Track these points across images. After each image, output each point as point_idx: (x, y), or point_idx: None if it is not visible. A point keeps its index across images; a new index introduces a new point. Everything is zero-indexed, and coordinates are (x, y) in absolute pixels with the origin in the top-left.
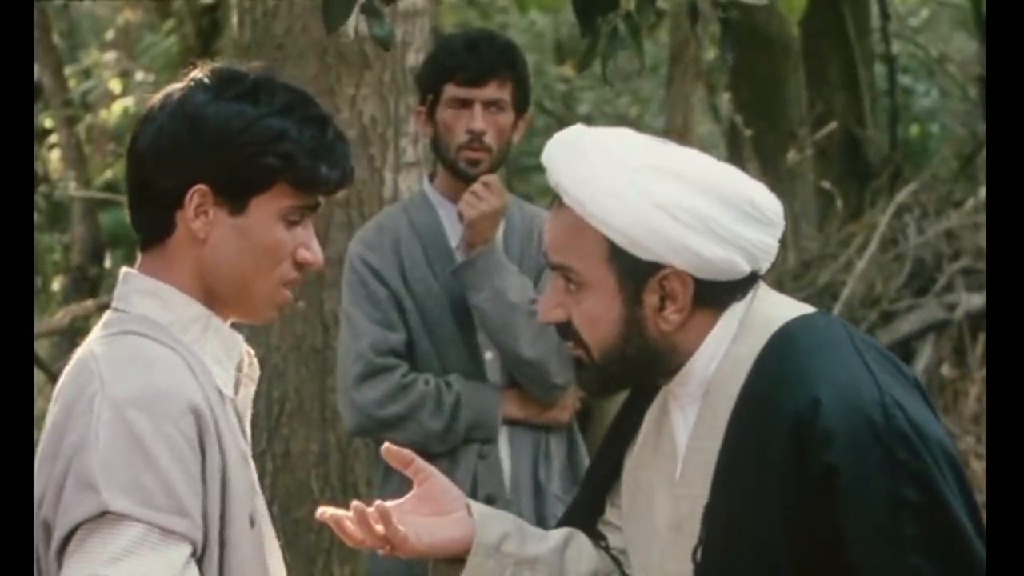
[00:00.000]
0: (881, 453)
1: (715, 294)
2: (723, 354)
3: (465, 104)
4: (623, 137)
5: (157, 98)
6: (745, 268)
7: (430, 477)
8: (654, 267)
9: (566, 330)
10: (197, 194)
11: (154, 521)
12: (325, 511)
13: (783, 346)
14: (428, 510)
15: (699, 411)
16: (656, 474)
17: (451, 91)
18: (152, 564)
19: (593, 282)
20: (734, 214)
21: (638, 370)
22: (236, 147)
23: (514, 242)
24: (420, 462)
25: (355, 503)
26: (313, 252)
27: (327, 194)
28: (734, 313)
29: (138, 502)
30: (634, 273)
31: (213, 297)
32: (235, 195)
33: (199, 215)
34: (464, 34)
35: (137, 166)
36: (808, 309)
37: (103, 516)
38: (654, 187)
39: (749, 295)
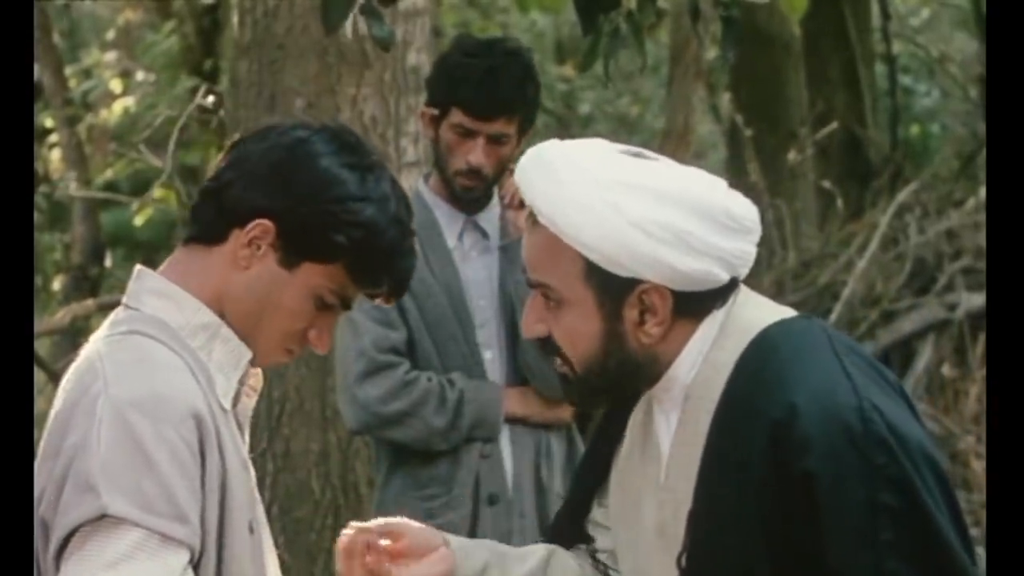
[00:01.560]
0: (858, 458)
1: (695, 304)
2: (703, 359)
3: (469, 133)
4: (594, 152)
5: (284, 121)
6: (723, 277)
7: (404, 533)
8: (632, 282)
9: (548, 345)
10: (260, 227)
11: (153, 527)
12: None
13: (762, 351)
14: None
15: (680, 416)
16: (642, 477)
17: (457, 116)
18: (150, 570)
19: (571, 299)
20: (709, 226)
21: (620, 381)
22: (321, 211)
23: (511, 240)
24: (390, 525)
25: (354, 528)
26: (323, 343)
27: (371, 296)
28: (715, 319)
29: (137, 506)
30: (612, 289)
31: (221, 319)
32: (293, 250)
33: (251, 244)
34: (483, 52)
35: (227, 169)
36: (789, 313)
37: (102, 519)
38: (626, 203)
39: (730, 301)
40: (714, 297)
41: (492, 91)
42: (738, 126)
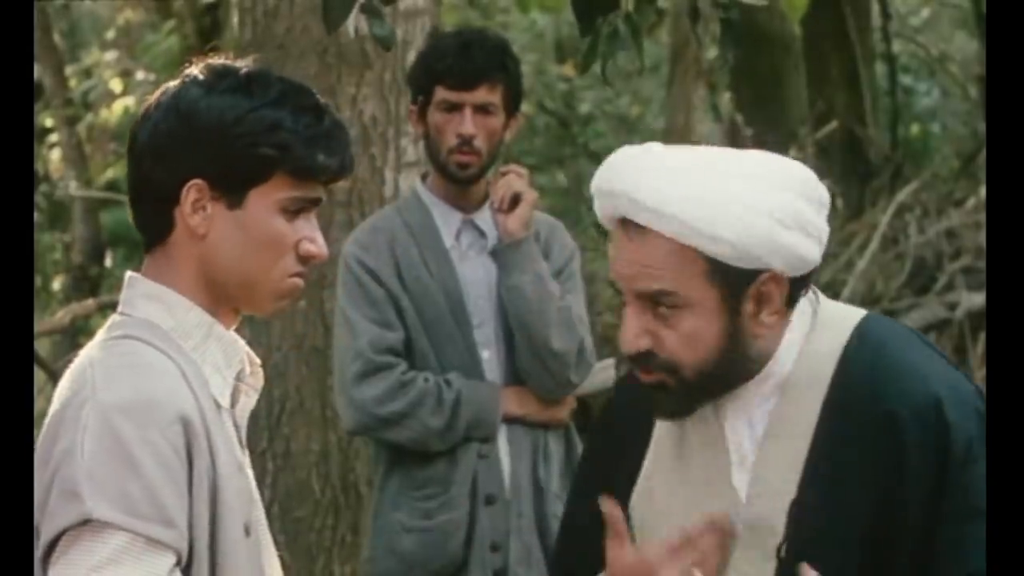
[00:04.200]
0: (984, 437)
1: (798, 290)
2: (799, 351)
3: (455, 107)
4: (700, 150)
5: (154, 96)
6: (819, 258)
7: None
8: (754, 274)
9: (648, 358)
10: (193, 189)
11: (138, 530)
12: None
13: (869, 344)
14: None
15: (774, 409)
16: (688, 483)
17: (441, 94)
18: (135, 573)
19: (693, 301)
20: (814, 207)
21: (725, 381)
22: (231, 139)
23: None
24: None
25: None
26: (317, 245)
27: (326, 183)
28: (802, 310)
29: (122, 510)
30: (735, 284)
31: (218, 292)
32: (232, 188)
33: (196, 210)
34: (456, 35)
35: (136, 164)
36: (861, 310)
37: (87, 523)
38: (747, 193)
39: (810, 290)
40: (806, 283)
41: (468, 59)
42: (738, 126)
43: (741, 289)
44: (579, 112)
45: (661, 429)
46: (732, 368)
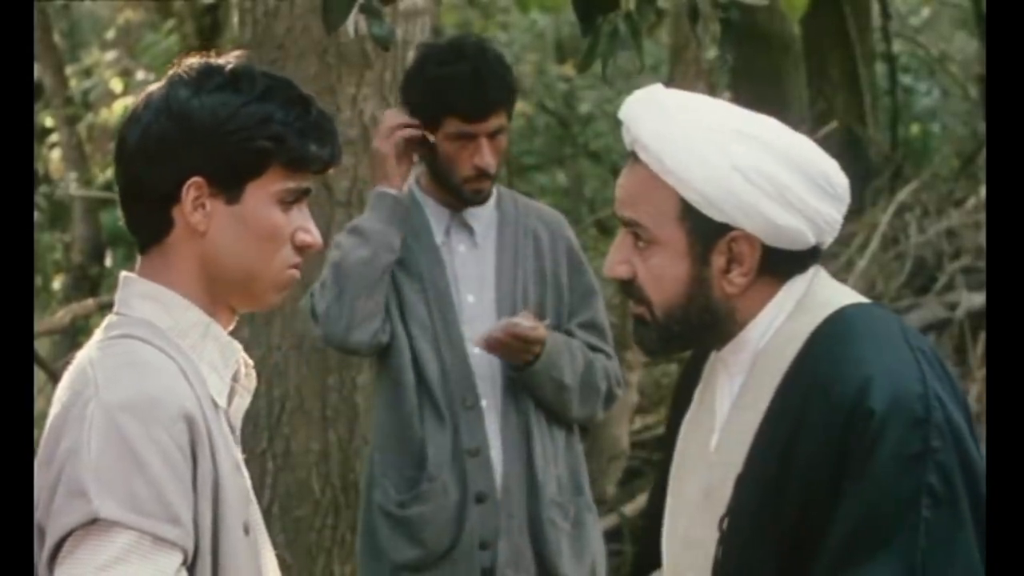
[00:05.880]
0: (918, 441)
1: (780, 263)
2: (776, 329)
3: (469, 137)
4: (705, 100)
5: (140, 98)
6: (811, 239)
7: None
8: (724, 228)
9: (629, 287)
10: (193, 187)
11: (145, 528)
12: None
13: (837, 329)
14: None
15: (744, 381)
16: (693, 440)
17: (453, 125)
18: (142, 572)
19: (662, 239)
20: (808, 185)
21: (697, 332)
22: (226, 136)
23: (507, 237)
24: None
25: None
26: (312, 235)
27: (318, 172)
28: (792, 289)
29: (129, 509)
30: (704, 233)
31: (218, 289)
32: (230, 184)
33: (197, 208)
34: (458, 59)
35: (127, 167)
36: (865, 300)
37: (94, 523)
38: (734, 149)
39: (810, 273)
40: (796, 260)
41: (483, 92)
42: None
43: (710, 240)
44: (579, 112)
45: (701, 381)
46: (701, 319)
